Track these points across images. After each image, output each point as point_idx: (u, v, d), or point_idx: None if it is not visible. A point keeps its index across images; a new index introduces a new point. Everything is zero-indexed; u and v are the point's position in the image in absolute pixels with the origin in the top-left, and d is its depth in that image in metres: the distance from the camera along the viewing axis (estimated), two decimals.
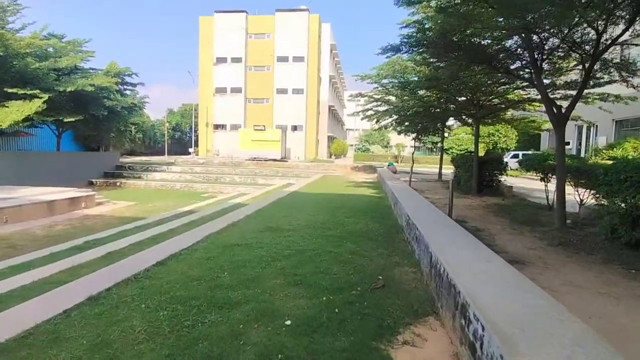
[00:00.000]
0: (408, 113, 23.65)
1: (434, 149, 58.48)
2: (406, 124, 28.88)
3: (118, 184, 29.84)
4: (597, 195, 9.06)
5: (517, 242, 8.27)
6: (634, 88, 11.79)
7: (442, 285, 4.16)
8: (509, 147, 42.12)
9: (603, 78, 11.93)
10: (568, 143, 30.95)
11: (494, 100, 17.43)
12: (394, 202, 11.29)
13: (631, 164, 7.81)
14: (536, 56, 9.92)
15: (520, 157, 32.87)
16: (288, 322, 3.88)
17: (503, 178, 17.28)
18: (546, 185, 12.76)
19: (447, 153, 52.10)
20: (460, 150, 46.59)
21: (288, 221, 9.26)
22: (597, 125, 27.64)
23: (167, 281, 5.01)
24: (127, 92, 35.79)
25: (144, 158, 43.72)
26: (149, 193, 25.87)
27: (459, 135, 48.52)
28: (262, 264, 5.79)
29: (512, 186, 16.91)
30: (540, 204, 13.58)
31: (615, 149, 21.79)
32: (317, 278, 5.17)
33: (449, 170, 26.74)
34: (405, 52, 12.58)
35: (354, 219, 9.69)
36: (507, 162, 17.55)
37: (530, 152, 36.02)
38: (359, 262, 6.04)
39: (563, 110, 9.93)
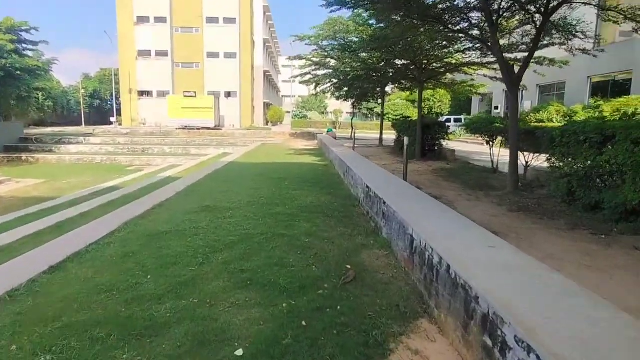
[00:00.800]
0: (348, 77, 22.77)
1: (370, 115, 58.33)
2: (345, 89, 28.12)
3: (23, 159, 26.35)
4: (550, 158, 8.68)
5: (476, 208, 7.63)
6: (571, 52, 11.65)
7: (438, 280, 3.22)
8: (443, 112, 42.68)
9: (546, 40, 11.64)
10: (497, 107, 31.62)
11: (435, 64, 16.92)
12: (343, 171, 10.36)
13: (590, 125, 7.39)
14: (492, 14, 9.22)
15: (453, 121, 33.38)
16: (239, 353, 2.71)
17: (445, 142, 17.01)
18: (491, 148, 12.47)
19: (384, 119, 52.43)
20: (396, 116, 46.75)
21: (228, 198, 8.02)
22: (523, 92, 28.30)
23: (61, 297, 3.54)
24: (29, 52, 31.77)
25: (56, 129, 39.59)
26: (63, 168, 23.25)
27: (394, 100, 48.46)
28: (199, 258, 4.51)
29: (454, 150, 16.63)
30: (484, 167, 13.32)
31: (541, 112, 22.45)
32: (271, 274, 4.03)
33: (389, 135, 26.29)
34: (352, 6, 11.50)
35: (302, 192, 8.62)
36: (449, 127, 17.21)
37: (462, 116, 36.86)
38: (319, 246, 4.97)
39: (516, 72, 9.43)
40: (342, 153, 12.70)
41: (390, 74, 18.82)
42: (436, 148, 16.66)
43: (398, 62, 17.77)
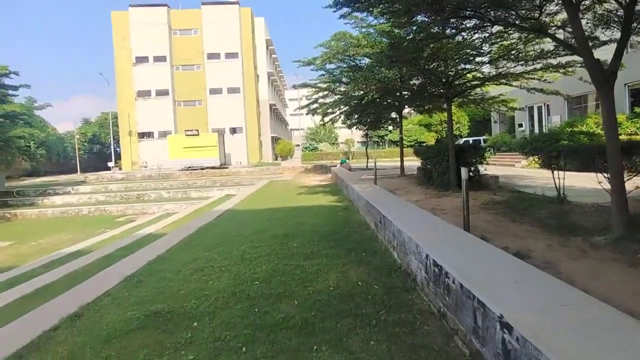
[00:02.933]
0: (363, 101, 20.24)
1: (381, 143, 55.63)
2: (356, 115, 25.58)
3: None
4: None
5: (600, 274, 4.64)
6: None
7: None
8: (462, 134, 39.92)
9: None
10: (521, 125, 28.74)
11: (467, 76, 14.23)
12: (375, 220, 7.43)
13: None
14: None
15: (471, 142, 30.47)
16: None
17: (483, 167, 14.12)
18: (554, 173, 9.59)
19: (395, 145, 49.65)
20: (410, 142, 44.17)
21: (201, 286, 5.13)
22: (548, 105, 25.62)
23: None
24: (13, 98, 29.83)
25: (47, 178, 37.44)
26: (41, 225, 20.66)
27: (406, 126, 45.90)
28: None
29: (497, 176, 13.68)
30: (543, 195, 10.39)
31: (578, 126, 19.85)
32: None
33: (410, 163, 23.44)
34: (365, 7, 8.91)
35: (319, 261, 5.75)
36: (485, 148, 14.34)
37: (482, 137, 33.99)
38: None
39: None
40: (366, 192, 9.86)
41: (411, 93, 16.12)
42: (474, 175, 13.79)
43: (416, 80, 15.20)
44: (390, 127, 40.71)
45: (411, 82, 15.29)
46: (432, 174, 15.58)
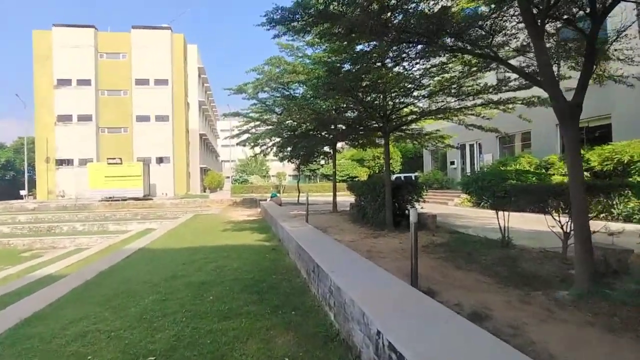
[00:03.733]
0: (295, 133, 19.45)
1: (312, 177, 55.13)
2: (289, 148, 24.82)
3: None
4: None
5: (580, 344, 3.76)
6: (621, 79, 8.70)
7: None
8: (394, 170, 40.30)
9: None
10: (453, 162, 29.33)
11: (404, 110, 13.86)
12: (308, 268, 6.31)
13: None
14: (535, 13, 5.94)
15: (403, 179, 30.42)
16: None
17: (419, 206, 13.61)
18: (498, 214, 9.11)
19: (328, 179, 49.38)
20: (342, 177, 44.03)
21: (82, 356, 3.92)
22: (480, 144, 26.22)
23: None
24: None
25: None
26: None
27: (339, 161, 45.92)
28: None
29: (435, 215, 13.18)
30: (485, 237, 9.93)
31: (511, 165, 20.16)
32: None
33: (342, 198, 22.81)
34: (302, 25, 8.13)
35: (239, 324, 4.61)
36: (422, 185, 13.84)
37: (414, 174, 34.34)
38: None
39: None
40: (297, 232, 8.82)
41: (347, 126, 15.50)
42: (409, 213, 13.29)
43: (351, 113, 14.66)
44: (322, 161, 40.37)
45: (346, 115, 14.70)
46: (367, 212, 14.90)
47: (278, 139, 23.05)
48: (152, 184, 38.26)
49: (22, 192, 38.46)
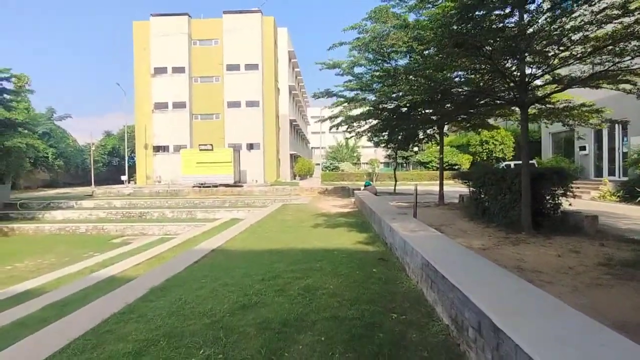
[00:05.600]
0: (396, 113, 16.93)
1: (404, 164, 51.72)
2: (385, 133, 22.29)
3: None
4: None
5: None
6: None
7: None
8: (506, 157, 35.88)
9: None
10: (584, 148, 24.58)
11: (545, 77, 10.67)
12: (461, 315, 3.77)
13: None
14: None
15: (513, 167, 26.20)
16: None
17: (567, 202, 10.44)
18: None
19: (425, 167, 45.91)
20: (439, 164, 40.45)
21: None
22: (624, 123, 18.64)
23: None
24: (12, 103, 27.57)
25: (63, 190, 36.09)
26: (33, 243, 18.69)
27: (434, 147, 42.25)
28: None
29: (596, 216, 9.96)
30: None
31: None
32: None
33: (447, 188, 19.81)
34: None
35: None
36: (569, 174, 10.62)
37: (533, 161, 29.59)
38: None
39: None
40: (417, 240, 6.27)
41: (464, 101, 12.58)
42: (556, 213, 10.19)
43: (472, 85, 11.75)
44: (416, 148, 37.15)
45: (466, 88, 11.79)
46: (489, 207, 12.04)
47: (375, 121, 20.63)
48: (243, 171, 37.72)
49: (123, 178, 39.94)
